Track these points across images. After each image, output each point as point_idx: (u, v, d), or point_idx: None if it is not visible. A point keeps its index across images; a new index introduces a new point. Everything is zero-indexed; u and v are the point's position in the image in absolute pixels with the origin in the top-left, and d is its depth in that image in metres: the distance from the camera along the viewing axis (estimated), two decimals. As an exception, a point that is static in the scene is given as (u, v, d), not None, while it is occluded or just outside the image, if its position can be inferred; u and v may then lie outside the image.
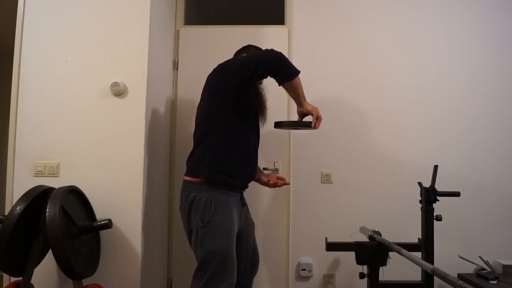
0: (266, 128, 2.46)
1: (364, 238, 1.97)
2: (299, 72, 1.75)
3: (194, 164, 1.81)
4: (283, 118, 2.56)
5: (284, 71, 1.72)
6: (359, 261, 1.81)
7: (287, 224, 2.53)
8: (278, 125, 1.92)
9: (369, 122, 2.55)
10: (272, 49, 1.72)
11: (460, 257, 2.39)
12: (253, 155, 1.90)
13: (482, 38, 2.58)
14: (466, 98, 2.56)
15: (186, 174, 1.83)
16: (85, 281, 1.89)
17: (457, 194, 1.95)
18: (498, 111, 2.54)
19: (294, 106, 2.52)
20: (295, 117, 2.57)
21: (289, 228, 2.52)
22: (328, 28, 2.61)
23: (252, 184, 2.04)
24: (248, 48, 2.03)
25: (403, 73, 2.57)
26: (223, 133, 1.78)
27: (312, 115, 1.82)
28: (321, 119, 1.83)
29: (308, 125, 1.83)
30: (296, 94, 1.80)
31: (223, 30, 2.65)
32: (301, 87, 1.79)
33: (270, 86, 2.17)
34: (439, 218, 1.87)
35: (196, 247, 1.74)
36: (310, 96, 2.55)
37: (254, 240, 2.01)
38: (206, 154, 1.78)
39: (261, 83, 2.01)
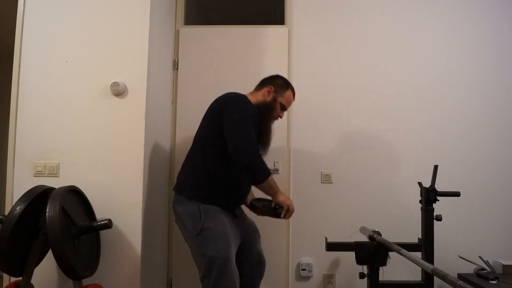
0: (266, 128, 2.46)
1: (364, 238, 1.97)
2: (268, 175, 1.76)
3: (182, 181, 1.88)
4: (283, 125, 2.54)
5: (253, 177, 1.76)
6: (359, 261, 1.81)
7: (287, 224, 2.53)
8: (252, 207, 1.95)
9: (369, 122, 2.55)
10: (246, 155, 1.70)
11: (460, 257, 2.39)
12: (243, 188, 1.91)
13: (482, 38, 2.58)
14: (466, 98, 2.55)
15: (174, 188, 1.91)
16: (85, 281, 1.89)
17: (457, 194, 1.95)
18: (498, 111, 2.54)
19: (294, 108, 2.52)
20: (295, 120, 2.58)
21: (289, 228, 2.52)
22: (328, 28, 2.61)
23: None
24: (275, 80, 1.98)
25: (403, 73, 2.57)
26: (214, 162, 1.81)
27: (283, 207, 1.82)
28: (292, 211, 1.82)
29: (278, 216, 1.85)
30: (267, 191, 1.82)
31: (223, 30, 2.65)
32: (272, 185, 1.79)
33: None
34: (439, 218, 1.87)
35: (197, 257, 1.77)
36: (310, 96, 2.55)
37: (258, 246, 2.03)
38: (194, 172, 1.84)
39: (280, 117, 2.00)
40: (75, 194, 1.87)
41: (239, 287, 1.81)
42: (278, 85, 1.95)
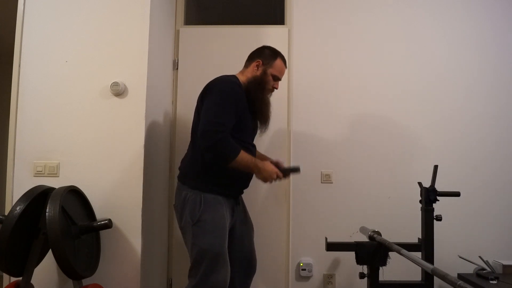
0: (266, 128, 2.46)
1: (364, 238, 1.96)
2: (233, 156, 1.69)
3: (183, 172, 1.88)
4: (283, 125, 2.54)
5: (219, 159, 1.72)
6: (359, 261, 1.81)
7: (287, 224, 2.53)
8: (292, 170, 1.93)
9: (369, 122, 2.55)
10: (206, 138, 1.66)
11: (460, 257, 2.39)
12: (245, 173, 1.88)
13: (482, 38, 2.58)
14: (466, 98, 2.55)
15: (178, 177, 1.90)
16: (85, 281, 1.89)
17: (457, 194, 1.95)
18: (498, 111, 2.54)
19: (294, 108, 2.52)
20: (295, 120, 2.58)
21: (289, 228, 2.52)
22: (328, 28, 2.61)
23: (252, 184, 2.04)
24: (262, 52, 1.94)
25: (403, 73, 2.57)
26: None
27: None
28: (275, 176, 1.78)
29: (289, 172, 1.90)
30: (244, 169, 1.77)
31: (223, 30, 2.65)
32: (245, 162, 1.73)
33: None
34: (439, 218, 1.87)
35: (189, 246, 1.77)
36: (310, 96, 2.55)
37: (250, 241, 2.01)
38: (195, 164, 1.83)
39: (276, 88, 1.97)
40: (75, 194, 1.87)
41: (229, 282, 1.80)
42: (266, 56, 1.90)
